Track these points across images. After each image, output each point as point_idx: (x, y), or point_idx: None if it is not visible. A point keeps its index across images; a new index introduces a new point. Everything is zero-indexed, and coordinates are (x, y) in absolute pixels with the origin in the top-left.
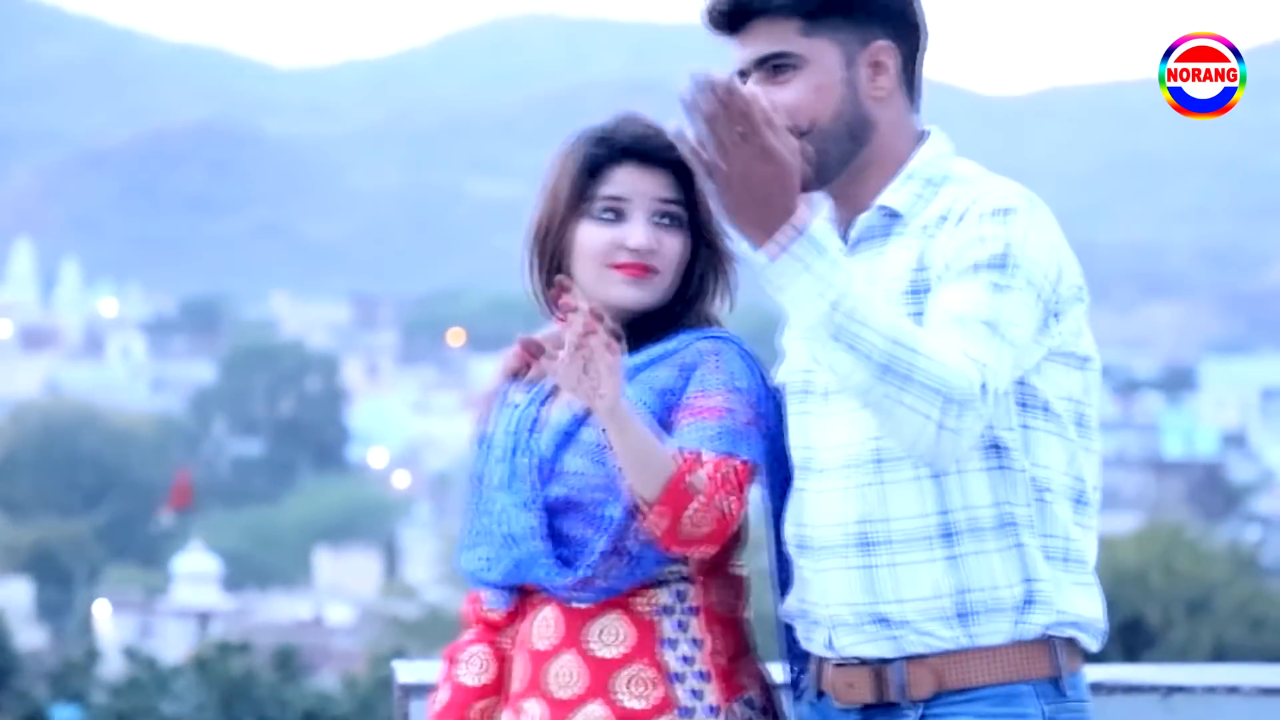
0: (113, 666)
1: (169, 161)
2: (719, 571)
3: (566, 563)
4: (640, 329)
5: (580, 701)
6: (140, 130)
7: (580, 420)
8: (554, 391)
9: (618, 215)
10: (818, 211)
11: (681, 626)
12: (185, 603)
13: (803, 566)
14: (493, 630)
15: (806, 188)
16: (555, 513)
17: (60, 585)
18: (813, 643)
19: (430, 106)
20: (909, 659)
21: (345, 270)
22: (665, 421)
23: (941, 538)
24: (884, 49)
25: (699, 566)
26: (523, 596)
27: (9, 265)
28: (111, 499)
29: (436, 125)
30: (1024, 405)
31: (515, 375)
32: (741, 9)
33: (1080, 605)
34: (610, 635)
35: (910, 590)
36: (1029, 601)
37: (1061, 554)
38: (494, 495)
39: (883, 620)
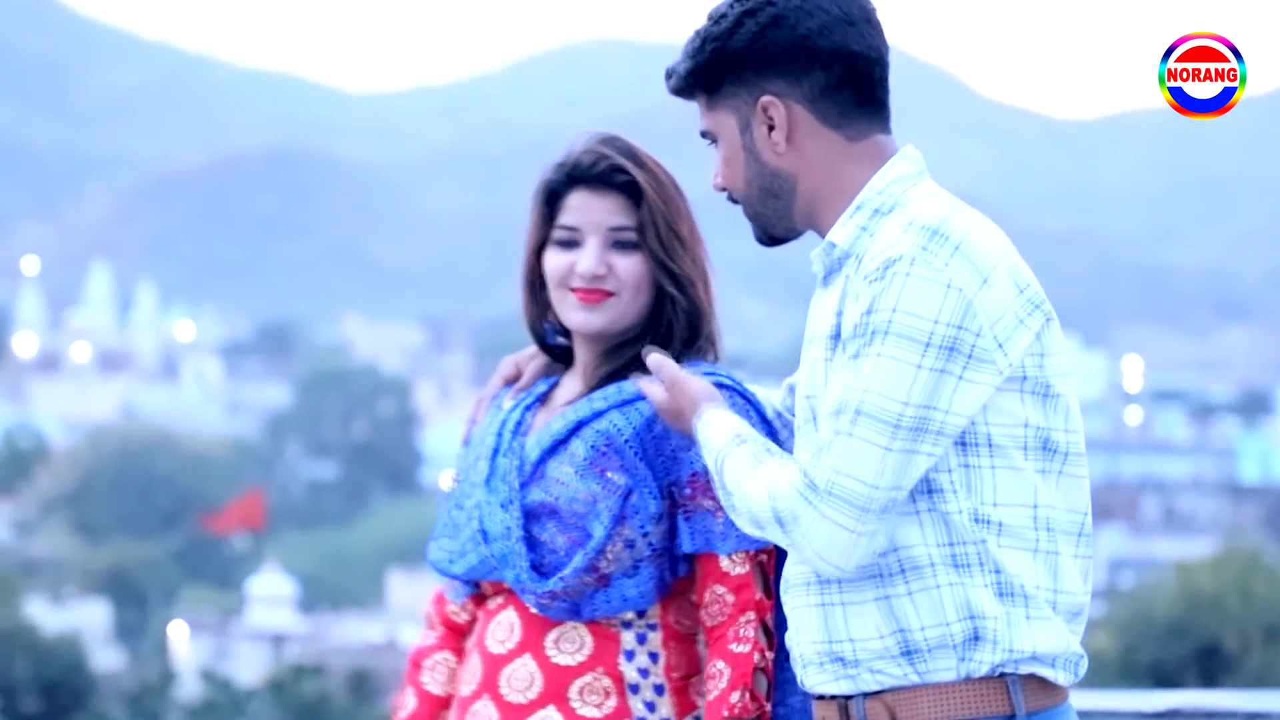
0: (189, 688)
1: (242, 185)
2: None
3: (538, 569)
4: (625, 353)
5: (535, 707)
6: (213, 154)
7: (573, 430)
8: (542, 399)
9: (574, 242)
10: None
11: (641, 640)
12: (260, 625)
13: (784, 602)
14: (456, 635)
15: (765, 243)
16: (531, 516)
17: (136, 607)
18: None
19: (500, 130)
20: (867, 695)
21: (416, 294)
22: (655, 462)
23: (872, 578)
24: (769, 103)
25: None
26: (480, 595)
27: (86, 288)
28: (187, 521)
29: (506, 149)
30: (963, 444)
31: (510, 382)
32: (671, 92)
33: (1038, 641)
34: (570, 644)
35: (858, 630)
36: (976, 639)
37: (1018, 590)
38: (471, 491)
39: (839, 659)
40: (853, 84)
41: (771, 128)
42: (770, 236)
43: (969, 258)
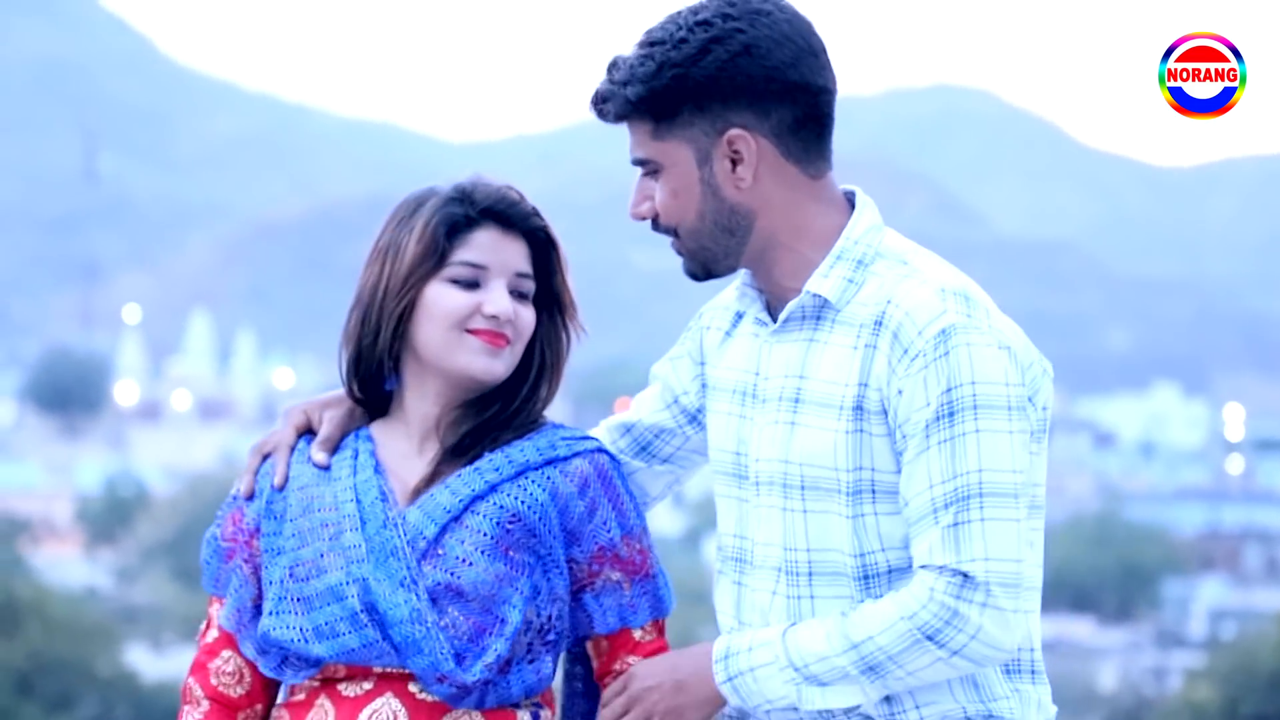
0: None
1: (341, 233)
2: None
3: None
4: (486, 408)
5: None
6: (313, 203)
7: (468, 505)
8: (373, 458)
9: (474, 281)
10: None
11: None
12: None
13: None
14: (229, 712)
15: (700, 278)
16: (430, 598)
17: None
18: None
19: (596, 179)
20: None
21: None
22: (561, 539)
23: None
24: (738, 137)
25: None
26: (328, 675)
27: (187, 337)
28: None
29: (601, 197)
30: None
31: (306, 432)
32: (602, 115)
33: (1043, 713)
34: None
35: (835, 700)
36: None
37: (1028, 666)
38: (321, 563)
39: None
40: (816, 119)
41: (736, 162)
42: (709, 273)
43: (997, 315)
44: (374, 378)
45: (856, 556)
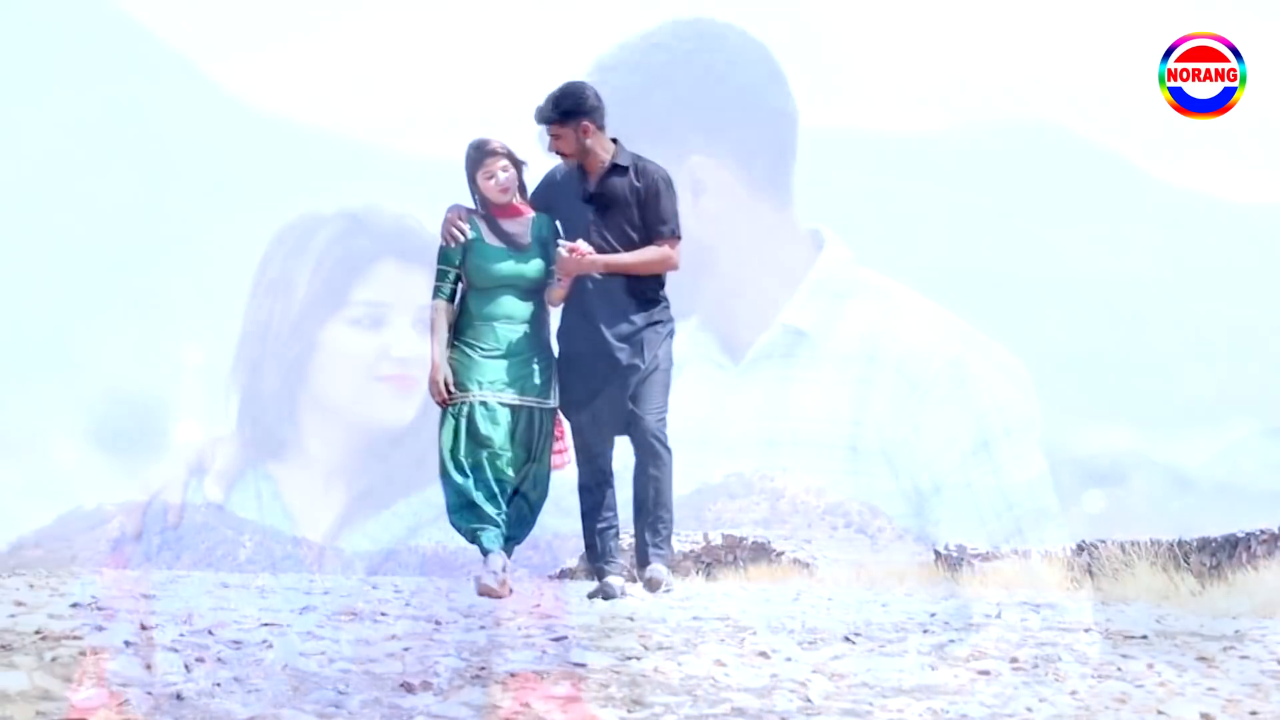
0: None
1: None
2: None
3: None
4: (392, 447)
5: None
6: None
7: (390, 552)
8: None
9: (377, 320)
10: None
11: None
12: None
13: None
14: None
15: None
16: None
17: None
18: None
19: None
20: None
21: None
22: None
23: None
24: (699, 165)
25: None
26: None
27: None
28: None
29: None
30: None
31: (198, 471)
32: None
33: None
34: None
35: None
36: None
37: None
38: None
39: None
40: (781, 147)
41: (698, 192)
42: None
43: (985, 340)
44: (267, 418)
45: None
